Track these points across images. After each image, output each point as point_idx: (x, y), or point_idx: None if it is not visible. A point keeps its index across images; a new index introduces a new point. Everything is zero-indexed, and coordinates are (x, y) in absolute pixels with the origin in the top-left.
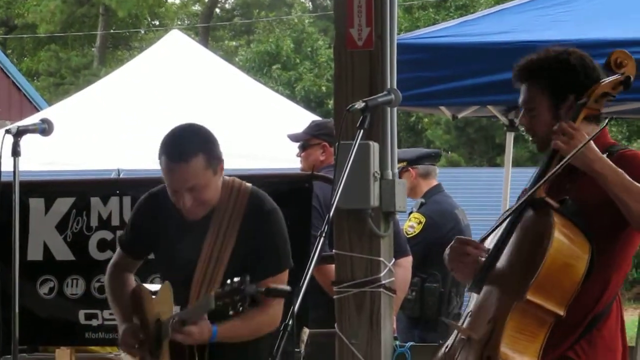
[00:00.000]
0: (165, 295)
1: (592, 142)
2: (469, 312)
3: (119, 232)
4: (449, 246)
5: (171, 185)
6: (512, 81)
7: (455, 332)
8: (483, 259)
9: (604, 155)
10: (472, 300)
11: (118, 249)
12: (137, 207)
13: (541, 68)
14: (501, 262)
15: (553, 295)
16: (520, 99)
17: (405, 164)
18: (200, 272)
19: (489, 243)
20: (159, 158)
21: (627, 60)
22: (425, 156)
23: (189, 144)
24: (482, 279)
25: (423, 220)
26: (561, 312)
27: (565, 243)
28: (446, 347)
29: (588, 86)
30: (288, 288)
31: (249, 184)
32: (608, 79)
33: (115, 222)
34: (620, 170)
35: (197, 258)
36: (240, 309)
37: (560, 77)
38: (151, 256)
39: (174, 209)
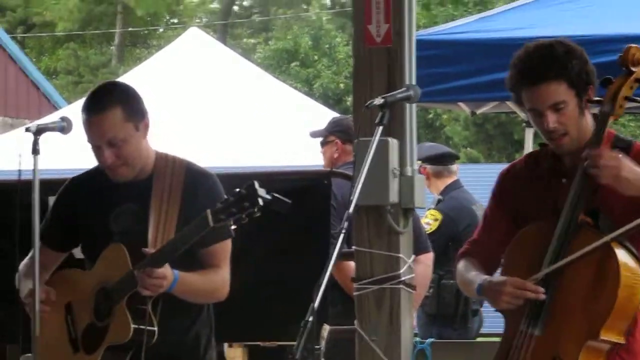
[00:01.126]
0: (114, 258)
1: (628, 160)
2: (517, 348)
3: None
4: (498, 288)
5: (91, 140)
6: (517, 84)
7: None
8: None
9: (614, 149)
10: (515, 334)
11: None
12: (58, 194)
13: (562, 63)
14: (563, 298)
15: (619, 327)
16: (542, 101)
17: (419, 162)
18: (153, 233)
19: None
20: (82, 118)
21: None
22: (436, 158)
23: (106, 97)
24: (545, 317)
25: (439, 217)
26: (623, 341)
27: (629, 276)
28: None
29: (594, 74)
30: (289, 201)
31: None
32: (625, 80)
33: None
34: None
35: (146, 222)
36: (246, 219)
37: (580, 68)
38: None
39: (104, 186)
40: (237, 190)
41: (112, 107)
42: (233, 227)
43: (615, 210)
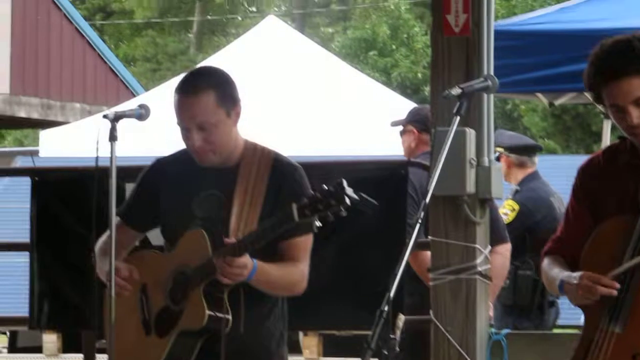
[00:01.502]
0: (195, 243)
1: None
2: (597, 345)
3: None
4: (575, 282)
5: (181, 122)
6: (598, 82)
7: None
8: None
9: None
10: (595, 331)
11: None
12: (142, 173)
13: None
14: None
15: None
16: (623, 96)
17: (502, 150)
18: (235, 222)
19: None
20: (174, 99)
21: None
22: (522, 148)
23: (201, 80)
24: (625, 315)
25: (517, 207)
26: None
27: None
28: None
29: None
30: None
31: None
32: None
33: None
34: None
35: (229, 209)
36: (332, 217)
37: None
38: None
39: (189, 169)
40: (326, 187)
41: (206, 91)
42: (318, 224)
43: None
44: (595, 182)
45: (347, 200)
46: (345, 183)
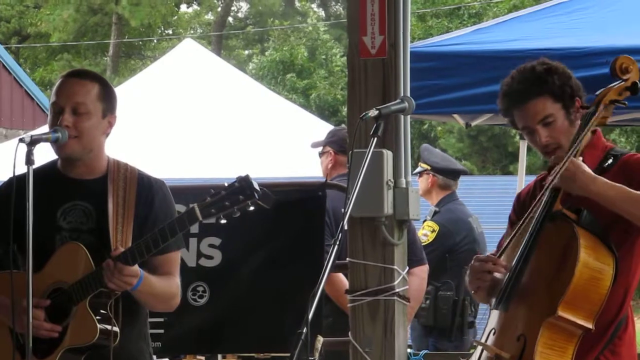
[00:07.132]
0: (72, 257)
1: (585, 166)
2: (492, 330)
3: None
4: (468, 267)
5: (56, 101)
6: (508, 107)
7: (479, 350)
8: (502, 275)
9: (608, 160)
10: (493, 317)
11: None
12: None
13: (542, 79)
14: (526, 279)
15: (582, 309)
16: (531, 118)
17: (429, 168)
18: (114, 234)
19: (507, 258)
20: (56, 84)
21: (632, 65)
22: (451, 172)
23: (91, 73)
24: (509, 296)
25: (436, 228)
26: (590, 326)
27: (591, 257)
28: None
29: (580, 87)
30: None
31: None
32: (614, 85)
33: None
34: (617, 185)
35: (100, 222)
36: (238, 213)
37: (562, 82)
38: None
39: (54, 180)
40: (230, 183)
41: (93, 82)
42: (223, 221)
43: (602, 212)
44: (526, 204)
45: (256, 195)
46: (250, 177)
